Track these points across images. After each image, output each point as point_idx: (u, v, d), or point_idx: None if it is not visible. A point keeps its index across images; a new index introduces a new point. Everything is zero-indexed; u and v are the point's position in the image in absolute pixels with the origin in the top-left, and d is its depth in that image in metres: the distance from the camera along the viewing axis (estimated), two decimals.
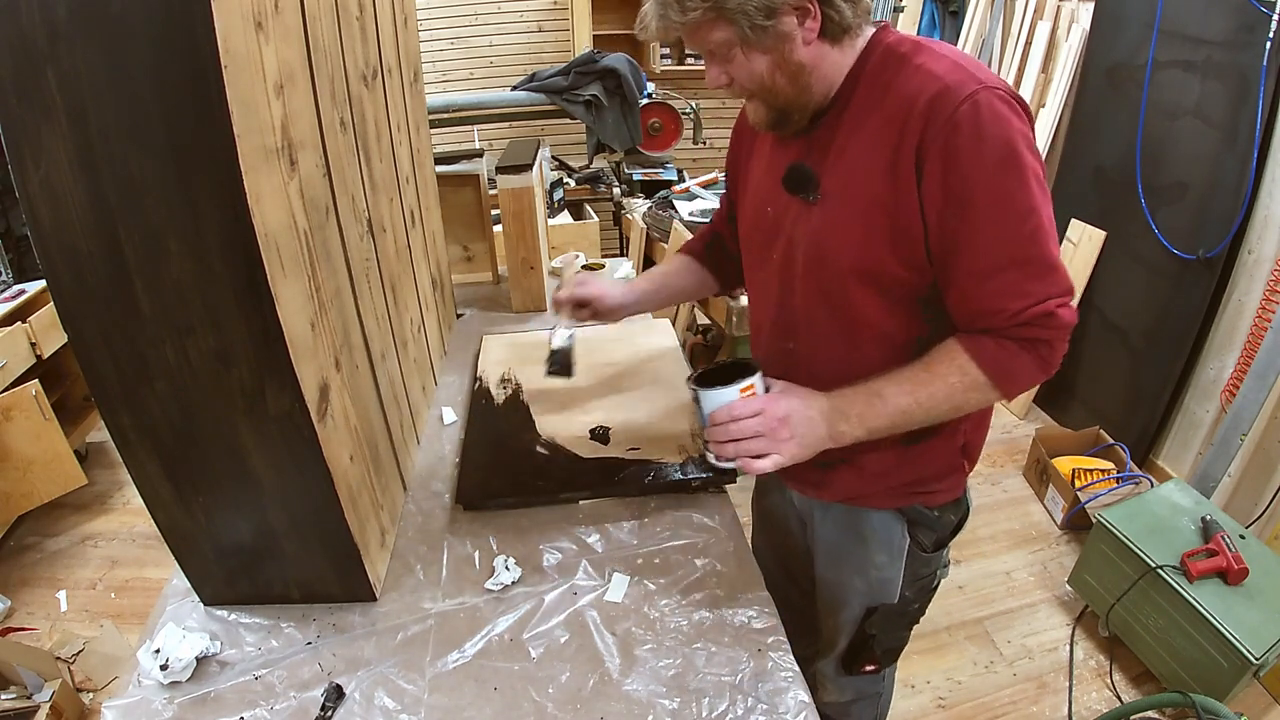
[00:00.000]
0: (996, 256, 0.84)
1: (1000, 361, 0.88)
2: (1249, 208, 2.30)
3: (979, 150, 0.80)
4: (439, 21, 4.28)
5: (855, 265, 0.92)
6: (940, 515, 1.11)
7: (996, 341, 0.88)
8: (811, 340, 1.01)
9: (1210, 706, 1.40)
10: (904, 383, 0.91)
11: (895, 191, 0.86)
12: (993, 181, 0.81)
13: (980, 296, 0.87)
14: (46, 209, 0.73)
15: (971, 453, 1.08)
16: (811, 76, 0.88)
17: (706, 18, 0.83)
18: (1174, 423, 2.66)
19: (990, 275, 0.85)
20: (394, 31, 1.40)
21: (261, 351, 0.81)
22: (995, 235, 0.83)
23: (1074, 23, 3.04)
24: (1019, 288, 0.84)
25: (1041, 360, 0.88)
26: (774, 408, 0.91)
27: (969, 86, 0.80)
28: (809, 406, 0.93)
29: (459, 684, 0.93)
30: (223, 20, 0.67)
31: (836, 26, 0.86)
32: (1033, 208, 0.82)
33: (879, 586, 1.15)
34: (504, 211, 1.82)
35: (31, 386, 2.35)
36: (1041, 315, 0.85)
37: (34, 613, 2.26)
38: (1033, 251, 0.84)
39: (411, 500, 1.27)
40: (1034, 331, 0.86)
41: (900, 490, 1.07)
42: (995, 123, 0.80)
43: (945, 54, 0.86)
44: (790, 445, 0.91)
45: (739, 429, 0.90)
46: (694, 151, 4.50)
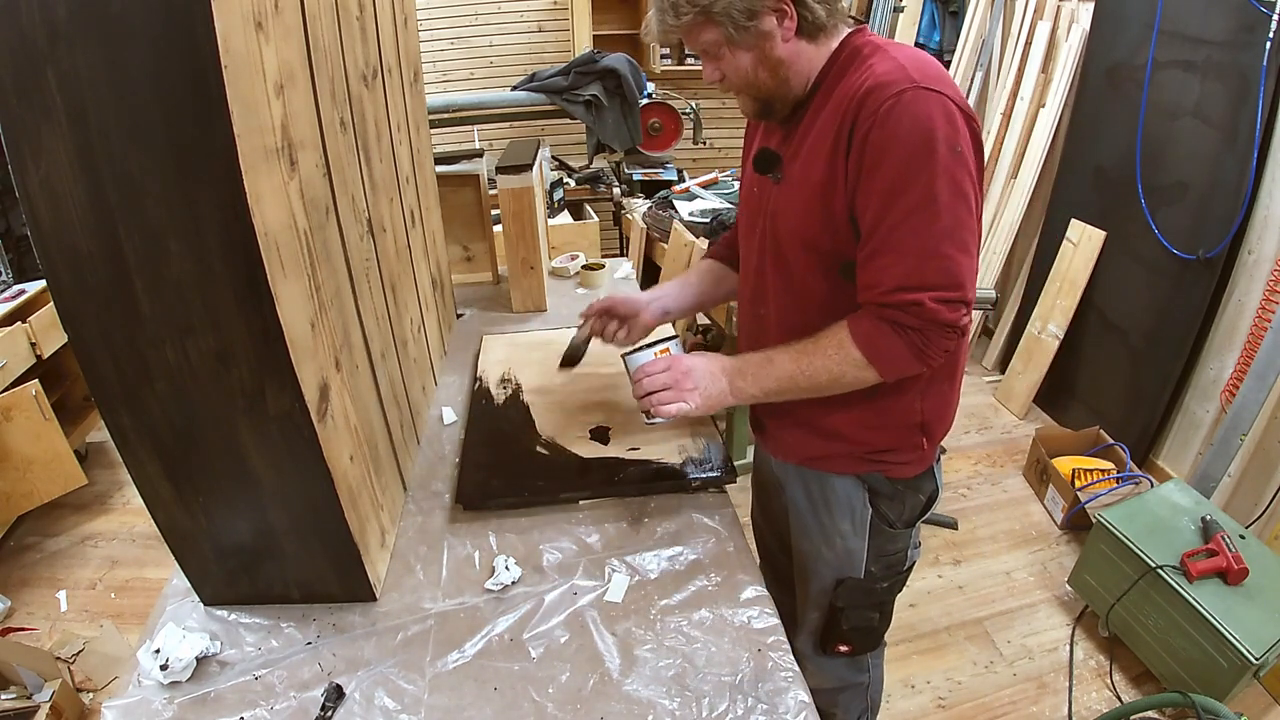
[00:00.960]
0: (885, 238, 0.91)
1: (873, 340, 0.95)
2: (1249, 208, 2.30)
3: (892, 141, 0.88)
4: (439, 21, 4.28)
5: (799, 236, 1.03)
6: (903, 489, 1.15)
7: (873, 322, 0.95)
8: (777, 307, 1.12)
9: (1210, 706, 1.40)
10: (793, 352, 1.02)
11: (831, 174, 0.95)
12: (896, 171, 0.88)
13: (865, 271, 0.95)
14: (46, 209, 0.73)
15: (932, 432, 1.12)
16: (790, 70, 0.98)
17: (697, 21, 0.94)
18: (1174, 423, 2.66)
19: (876, 254, 0.93)
20: (394, 31, 1.40)
21: (261, 351, 0.81)
22: (888, 219, 0.90)
23: (1074, 23, 3.04)
24: (895, 270, 0.91)
25: (914, 348, 0.94)
26: (679, 364, 1.07)
27: (900, 85, 0.88)
28: (711, 363, 1.08)
29: (459, 684, 0.93)
30: (223, 20, 0.67)
31: (811, 25, 0.95)
32: (931, 200, 0.88)
33: (844, 557, 1.20)
34: (504, 211, 1.82)
35: (31, 386, 2.35)
36: (908, 303, 0.91)
37: (34, 613, 2.26)
38: (919, 241, 0.90)
39: (411, 500, 1.27)
40: (899, 316, 0.92)
41: (859, 456, 1.13)
42: (915, 118, 0.87)
43: (897, 56, 0.93)
44: (695, 395, 1.05)
45: (650, 381, 1.06)
46: (694, 151, 4.50)
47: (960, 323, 0.93)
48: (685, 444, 1.32)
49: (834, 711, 1.43)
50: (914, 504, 1.18)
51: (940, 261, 0.90)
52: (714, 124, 4.67)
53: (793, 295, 1.09)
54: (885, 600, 1.26)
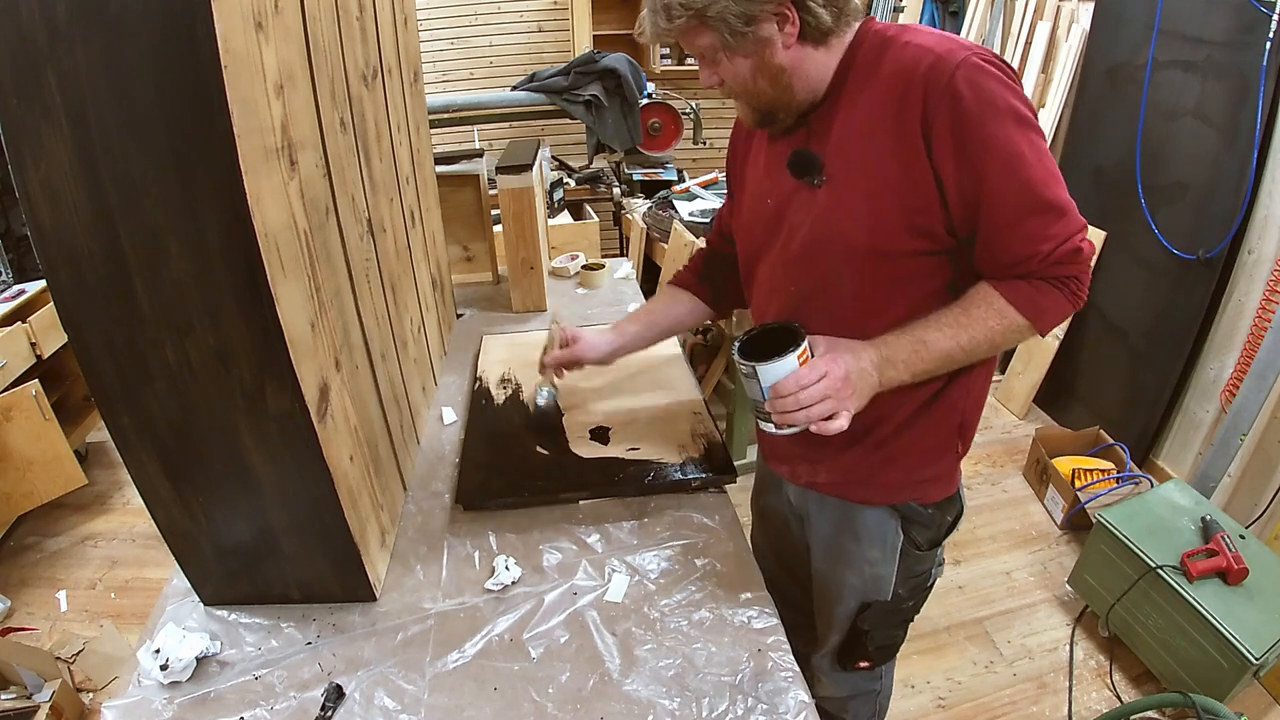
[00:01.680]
0: (1018, 207, 0.87)
1: (1036, 302, 0.92)
2: (1249, 208, 2.30)
3: (983, 112, 0.84)
4: (439, 21, 4.28)
5: (866, 244, 0.94)
6: (935, 513, 1.12)
7: (1030, 283, 0.92)
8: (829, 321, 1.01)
9: (1210, 706, 1.40)
10: (944, 328, 0.93)
11: (904, 168, 0.88)
12: (1000, 138, 0.85)
13: (1010, 246, 0.90)
14: (46, 209, 0.73)
15: (966, 434, 1.09)
16: (793, 78, 0.92)
17: (690, 25, 0.89)
18: (1174, 423, 2.66)
19: (1015, 225, 0.88)
20: (394, 31, 1.40)
21: (261, 351, 0.81)
22: (1014, 187, 0.86)
23: (1074, 23, 3.04)
24: (1044, 231, 0.88)
25: (1072, 294, 0.93)
26: (835, 369, 0.92)
27: (959, 54, 0.84)
28: (860, 359, 0.94)
29: (459, 684, 0.93)
30: (223, 20, 0.67)
31: (816, 30, 0.89)
32: (1039, 152, 0.86)
33: (872, 583, 1.16)
34: (504, 211, 1.82)
35: (31, 386, 2.35)
36: (1069, 252, 0.89)
37: (34, 613, 2.26)
38: (1047, 196, 0.87)
39: (411, 500, 1.27)
40: (1065, 269, 0.91)
41: (893, 480, 1.08)
42: (988, 82, 0.84)
43: (930, 31, 0.90)
44: (852, 401, 0.93)
45: (808, 396, 0.90)
46: (694, 151, 4.50)
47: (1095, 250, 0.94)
48: (685, 444, 1.32)
49: (844, 717, 1.41)
50: (942, 525, 1.15)
51: (1070, 208, 0.89)
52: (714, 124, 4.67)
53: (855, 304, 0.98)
54: (909, 618, 1.24)
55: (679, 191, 3.32)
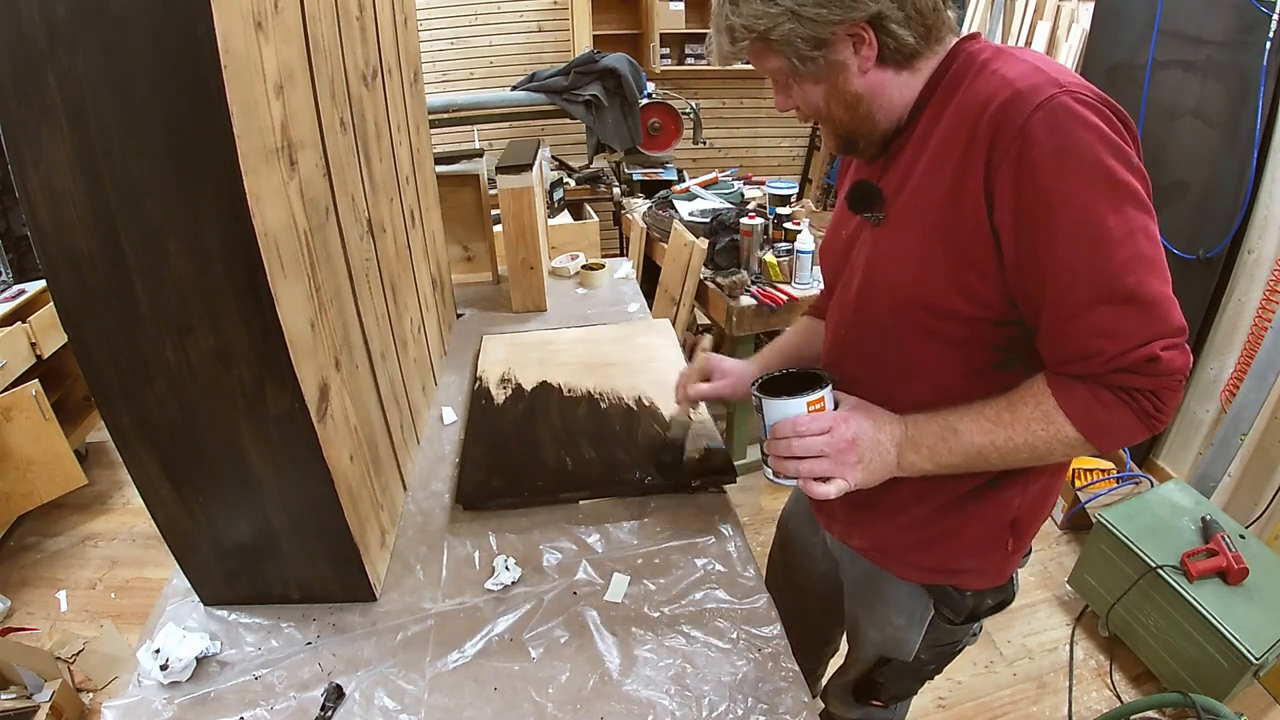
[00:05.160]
0: (1087, 290, 0.72)
1: (1094, 414, 0.76)
2: (1249, 208, 2.30)
3: (1058, 164, 0.69)
4: (439, 21, 4.28)
5: (913, 297, 0.82)
6: (974, 598, 1.00)
7: (1091, 390, 0.76)
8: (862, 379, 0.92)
9: (1210, 706, 1.40)
10: (983, 420, 0.80)
11: (958, 213, 0.76)
12: (1076, 201, 0.70)
13: (1071, 338, 0.75)
14: (46, 209, 0.73)
15: (1021, 531, 0.95)
16: (872, 105, 0.82)
17: (755, 47, 0.80)
18: (1174, 423, 2.66)
19: (1081, 312, 0.73)
20: (394, 31, 1.40)
21: (261, 351, 0.81)
22: (1083, 264, 0.71)
23: (1074, 23, 3.04)
24: (1115, 327, 0.72)
25: (1144, 414, 0.75)
26: (843, 428, 0.83)
27: (1045, 90, 0.70)
28: (879, 430, 0.84)
29: (459, 684, 0.93)
30: (223, 20, 0.67)
31: (897, 53, 0.78)
32: (1129, 231, 0.70)
33: (894, 645, 1.09)
34: (504, 211, 1.82)
35: (31, 386, 2.35)
36: (1143, 360, 0.72)
37: (34, 613, 2.26)
38: (1130, 283, 0.71)
39: (411, 500, 1.27)
40: (1135, 380, 0.74)
41: (928, 565, 0.98)
42: (1075, 130, 0.69)
43: (1025, 58, 0.75)
44: (856, 470, 0.83)
45: (803, 446, 0.83)
46: (694, 151, 4.50)
47: (1189, 365, 0.74)
48: (686, 444, 1.32)
49: None
50: (982, 606, 1.02)
51: (1161, 305, 0.72)
52: (714, 124, 4.68)
53: (890, 369, 0.88)
54: (929, 677, 1.16)
55: (679, 191, 3.32)
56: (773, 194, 2.95)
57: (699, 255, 2.60)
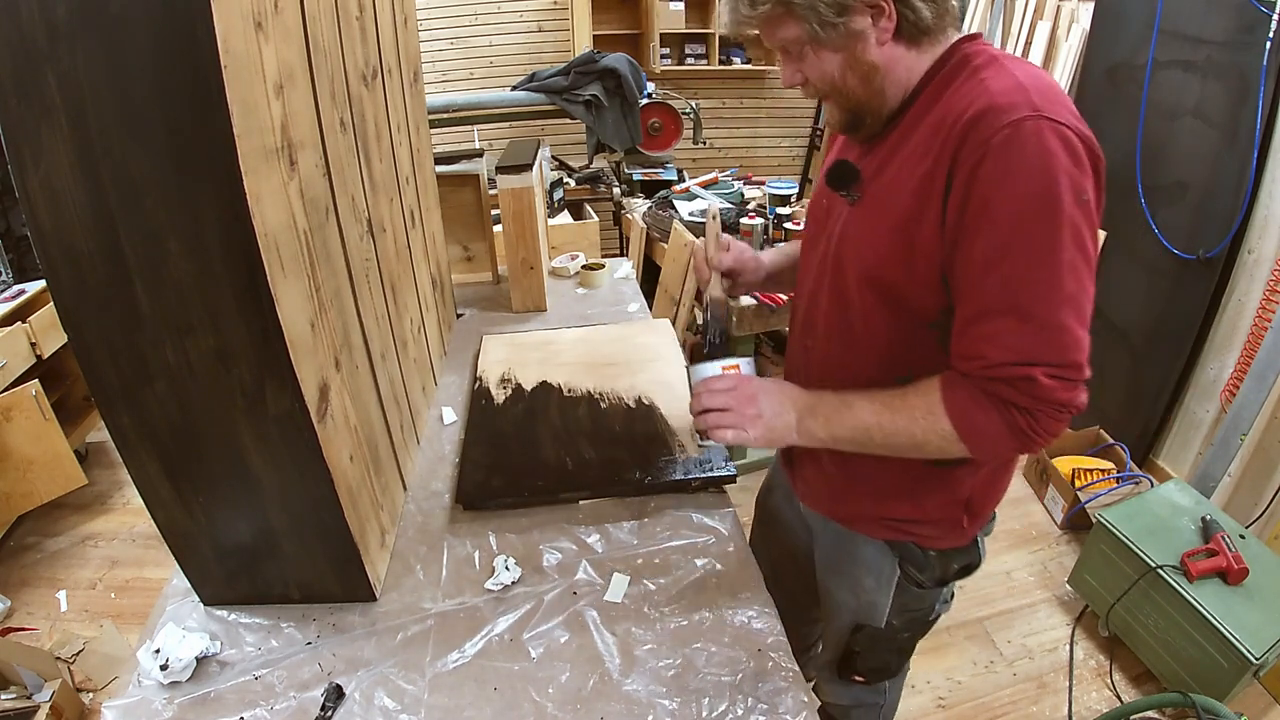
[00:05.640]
0: (995, 299, 0.76)
1: (969, 415, 0.81)
2: (1249, 208, 2.30)
3: (1007, 182, 0.73)
4: (439, 21, 4.28)
5: (868, 271, 0.88)
6: (937, 558, 1.05)
7: (972, 393, 0.81)
8: (825, 345, 0.99)
9: (1210, 706, 1.40)
10: (876, 401, 0.88)
11: (921, 207, 0.81)
12: (1013, 218, 0.74)
13: (965, 336, 0.80)
14: (46, 209, 0.73)
15: (976, 511, 1.01)
16: (885, 79, 0.84)
17: (775, 12, 0.81)
18: (1174, 423, 2.66)
19: (982, 317, 0.78)
20: (394, 31, 1.40)
21: (261, 351, 0.81)
22: (997, 274, 0.75)
23: (1074, 23, 3.04)
24: (1006, 340, 0.76)
25: (1016, 429, 0.79)
26: (746, 385, 0.95)
27: (1019, 111, 0.73)
28: (782, 392, 0.95)
29: (459, 684, 0.93)
30: (223, 20, 0.67)
31: (913, 27, 0.81)
32: (1054, 260, 0.73)
33: (866, 608, 1.13)
34: (504, 211, 1.82)
35: (31, 386, 2.35)
36: (1020, 378, 0.76)
37: (34, 613, 2.26)
38: (1032, 305, 0.75)
39: (411, 500, 1.27)
40: (1007, 392, 0.78)
41: (891, 524, 1.04)
42: (1034, 155, 0.72)
43: (1015, 72, 0.78)
44: (757, 423, 0.92)
45: (710, 398, 0.95)
46: (694, 151, 4.50)
47: (1076, 402, 0.78)
48: (685, 444, 1.32)
49: None
50: (947, 569, 1.07)
51: (1059, 334, 0.75)
52: (714, 124, 4.68)
53: (845, 338, 0.95)
54: (905, 648, 1.20)
55: (679, 191, 3.32)
56: (773, 194, 2.95)
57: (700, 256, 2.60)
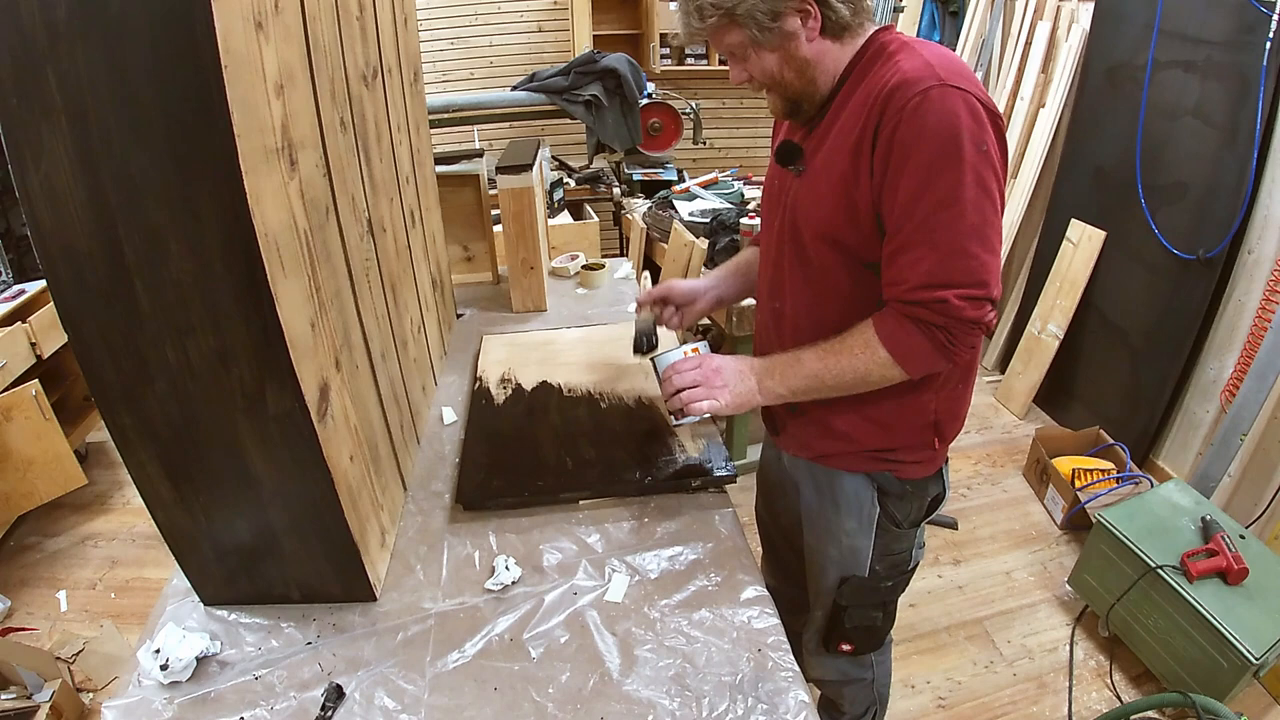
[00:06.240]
0: (911, 234, 0.91)
1: (898, 338, 0.95)
2: (1249, 208, 2.30)
3: (917, 138, 0.88)
4: (439, 21, 4.28)
5: (821, 231, 1.02)
6: (912, 489, 1.16)
7: (897, 320, 0.95)
8: (794, 301, 1.12)
9: (1210, 706, 1.40)
10: (820, 351, 1.03)
11: (855, 169, 0.95)
12: (922, 168, 0.88)
13: (890, 264, 0.95)
14: (46, 209, 0.73)
15: (944, 432, 1.13)
16: (816, 70, 0.99)
17: (721, 23, 0.96)
18: (1174, 423, 2.66)
19: (901, 251, 0.93)
20: (394, 31, 1.40)
21: (261, 351, 0.81)
22: (914, 216, 0.90)
23: (1074, 23, 3.04)
24: (920, 267, 0.91)
25: (940, 345, 0.94)
26: (709, 361, 1.10)
27: (926, 82, 0.88)
28: (740, 362, 1.09)
29: (459, 684, 0.93)
30: (223, 20, 0.67)
31: (836, 25, 0.96)
32: (958, 198, 0.88)
33: (850, 555, 1.21)
34: (504, 211, 1.82)
35: (31, 386, 2.34)
36: (934, 300, 0.91)
37: (34, 613, 2.26)
38: (945, 237, 0.89)
39: (411, 500, 1.27)
40: (924, 313, 0.92)
41: (870, 455, 1.13)
42: (940, 115, 0.87)
43: (923, 53, 0.93)
44: (724, 392, 1.07)
45: (680, 379, 1.08)
46: (694, 151, 4.50)
47: (985, 319, 0.93)
48: (685, 444, 1.32)
49: (840, 703, 1.44)
50: (921, 504, 1.18)
51: (965, 259, 0.90)
52: (714, 124, 4.67)
53: (811, 290, 1.08)
54: (888, 600, 1.27)
55: (679, 191, 3.32)
56: None
57: (699, 255, 2.60)
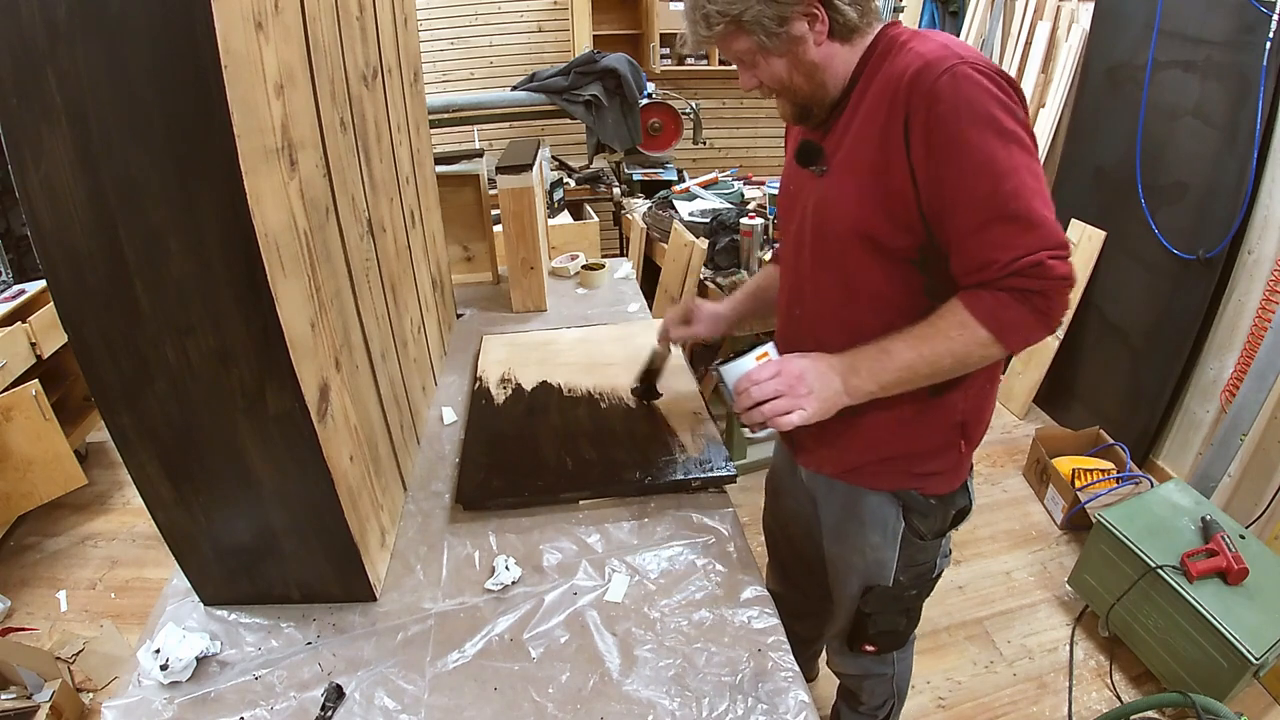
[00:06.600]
0: (983, 213, 0.89)
1: (996, 313, 0.92)
2: (1249, 208, 2.30)
3: (957, 116, 0.87)
4: (439, 21, 4.28)
5: (853, 228, 0.99)
6: (937, 504, 1.14)
7: (993, 294, 0.92)
8: (817, 305, 1.09)
9: (1210, 706, 1.40)
10: (909, 338, 0.96)
11: (886, 158, 0.93)
12: (972, 144, 0.87)
13: (972, 251, 0.92)
14: (46, 209, 0.73)
15: (970, 434, 1.10)
16: (825, 73, 0.98)
17: (729, 30, 0.95)
18: (1174, 423, 2.66)
19: (978, 230, 0.90)
20: (394, 31, 1.40)
21: (261, 351, 0.81)
22: (980, 193, 0.88)
23: (1074, 23, 3.04)
24: (1006, 240, 0.89)
25: (1038, 312, 0.91)
26: (789, 366, 0.98)
27: (948, 61, 0.88)
28: (819, 362, 0.99)
29: (459, 684, 0.93)
30: (223, 20, 0.67)
31: (843, 27, 0.95)
32: (1013, 166, 0.87)
33: (874, 567, 1.19)
34: (504, 211, 1.82)
35: (31, 386, 2.34)
36: (1030, 265, 0.88)
37: (34, 613, 2.26)
38: (1015, 206, 0.88)
39: (411, 500, 1.27)
40: (1025, 282, 0.89)
41: (896, 469, 1.11)
42: (972, 91, 0.87)
43: (935, 38, 0.93)
44: (810, 400, 0.97)
45: (760, 391, 0.97)
46: (694, 151, 4.50)
47: (1072, 275, 0.91)
48: (685, 444, 1.32)
49: (860, 694, 1.45)
50: (946, 517, 1.16)
51: (1041, 224, 0.89)
52: (714, 124, 4.67)
53: (838, 292, 1.05)
54: (913, 606, 1.27)
55: (679, 191, 3.32)
56: (772, 194, 2.95)
57: (699, 255, 2.60)
